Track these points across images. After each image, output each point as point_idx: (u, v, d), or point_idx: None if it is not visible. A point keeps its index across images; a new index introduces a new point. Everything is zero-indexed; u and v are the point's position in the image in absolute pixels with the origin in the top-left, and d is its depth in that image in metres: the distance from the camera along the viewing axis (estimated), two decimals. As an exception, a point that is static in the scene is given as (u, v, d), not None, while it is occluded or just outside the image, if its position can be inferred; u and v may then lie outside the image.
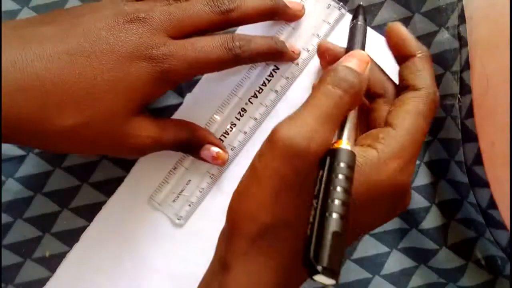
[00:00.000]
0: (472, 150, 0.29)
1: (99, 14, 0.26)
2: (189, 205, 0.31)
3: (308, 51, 0.31)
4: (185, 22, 0.26)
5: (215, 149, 0.29)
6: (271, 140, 0.22)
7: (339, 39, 0.31)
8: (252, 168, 0.23)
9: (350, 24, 0.28)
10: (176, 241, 0.32)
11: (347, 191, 0.20)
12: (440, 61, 0.31)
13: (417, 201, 0.31)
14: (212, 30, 0.27)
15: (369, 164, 0.22)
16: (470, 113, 0.29)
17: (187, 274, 0.31)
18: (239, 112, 0.31)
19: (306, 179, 0.22)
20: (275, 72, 0.31)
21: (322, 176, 0.21)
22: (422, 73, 0.25)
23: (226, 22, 0.27)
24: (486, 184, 0.28)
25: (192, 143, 0.29)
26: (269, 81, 0.31)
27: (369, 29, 0.31)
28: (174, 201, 0.31)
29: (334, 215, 0.20)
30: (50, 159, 0.32)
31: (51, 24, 0.26)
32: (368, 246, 0.32)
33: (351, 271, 0.32)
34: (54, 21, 0.26)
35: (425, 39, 0.31)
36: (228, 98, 0.31)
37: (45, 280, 0.32)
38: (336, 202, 0.20)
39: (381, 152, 0.22)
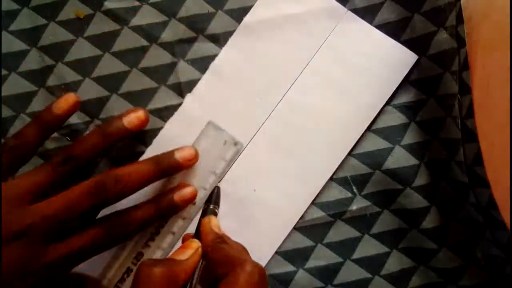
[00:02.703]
0: (472, 150, 0.29)
1: None
2: None
3: (205, 189, 0.31)
4: (66, 219, 0.26)
5: None
6: None
7: (340, 38, 0.32)
8: None
9: (204, 206, 0.31)
10: None
11: None
12: (440, 61, 0.31)
13: (417, 201, 0.31)
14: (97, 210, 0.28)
15: None
16: (470, 113, 0.29)
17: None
18: (136, 256, 0.31)
19: None
20: None
21: None
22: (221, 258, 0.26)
23: (112, 201, 0.27)
24: (486, 184, 0.28)
25: None
26: (165, 222, 0.31)
27: (370, 27, 0.31)
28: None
29: None
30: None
31: None
32: (368, 246, 0.32)
33: (351, 271, 0.32)
34: None
35: (424, 39, 0.31)
36: (124, 243, 0.31)
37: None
38: None
39: None
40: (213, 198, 0.31)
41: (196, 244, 0.27)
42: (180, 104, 0.32)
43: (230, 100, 0.32)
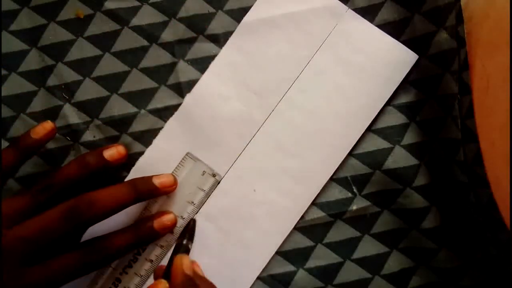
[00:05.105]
0: (472, 150, 0.29)
1: None
2: None
3: (183, 218, 0.31)
4: (42, 242, 0.26)
5: None
6: None
7: (340, 37, 0.31)
8: None
9: (177, 241, 0.30)
10: None
11: None
12: (440, 61, 0.31)
13: (417, 201, 0.31)
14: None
15: None
16: (470, 113, 0.29)
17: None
18: (114, 283, 0.31)
19: None
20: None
21: None
22: None
23: (87, 225, 0.27)
24: (486, 184, 0.28)
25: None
26: (143, 250, 0.32)
27: (371, 26, 0.31)
28: None
29: None
30: (50, 159, 0.32)
31: None
32: (368, 246, 0.32)
33: (351, 271, 0.32)
34: None
35: (424, 39, 0.31)
36: (102, 269, 0.31)
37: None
38: None
39: None
40: (187, 233, 0.31)
41: (163, 285, 0.27)
42: (180, 104, 0.32)
43: (230, 100, 0.32)
